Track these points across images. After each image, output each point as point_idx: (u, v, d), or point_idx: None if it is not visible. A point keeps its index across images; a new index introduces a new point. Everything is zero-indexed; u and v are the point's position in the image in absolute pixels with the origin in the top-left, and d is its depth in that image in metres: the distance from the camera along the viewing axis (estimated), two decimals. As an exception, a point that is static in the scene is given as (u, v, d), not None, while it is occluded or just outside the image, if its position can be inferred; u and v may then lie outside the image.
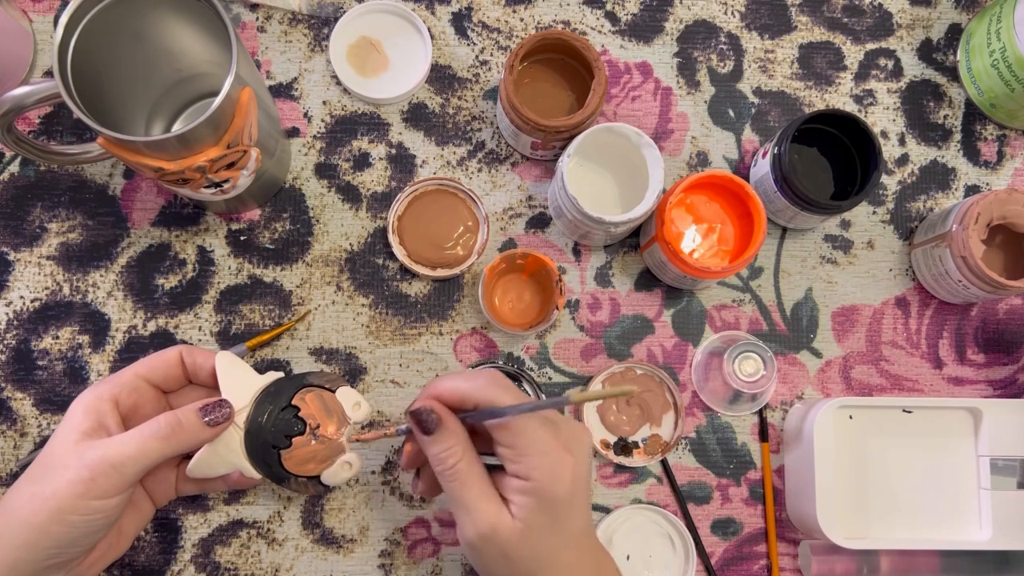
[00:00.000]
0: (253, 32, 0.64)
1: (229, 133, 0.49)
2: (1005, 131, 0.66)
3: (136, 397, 0.50)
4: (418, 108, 0.64)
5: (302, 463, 0.52)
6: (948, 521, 0.59)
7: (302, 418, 0.51)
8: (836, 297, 0.64)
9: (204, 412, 0.49)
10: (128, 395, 0.49)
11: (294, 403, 0.52)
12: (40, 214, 0.62)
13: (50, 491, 0.45)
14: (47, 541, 0.46)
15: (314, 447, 0.52)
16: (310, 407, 0.52)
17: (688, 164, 0.65)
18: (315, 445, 0.52)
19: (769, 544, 0.61)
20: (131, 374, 0.50)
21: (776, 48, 0.66)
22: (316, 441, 0.52)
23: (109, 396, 0.49)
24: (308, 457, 0.52)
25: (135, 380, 0.50)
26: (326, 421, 0.52)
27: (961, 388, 0.64)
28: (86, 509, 0.45)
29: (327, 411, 0.52)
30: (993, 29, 0.61)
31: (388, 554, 0.60)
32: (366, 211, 0.63)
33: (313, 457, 0.52)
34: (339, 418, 0.53)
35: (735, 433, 0.62)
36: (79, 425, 0.47)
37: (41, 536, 0.45)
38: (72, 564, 0.48)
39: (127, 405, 0.50)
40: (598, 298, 0.63)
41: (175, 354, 0.52)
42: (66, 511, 0.45)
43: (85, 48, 0.49)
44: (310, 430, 0.52)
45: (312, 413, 0.52)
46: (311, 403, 0.52)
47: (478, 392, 0.46)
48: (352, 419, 0.53)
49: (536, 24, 0.65)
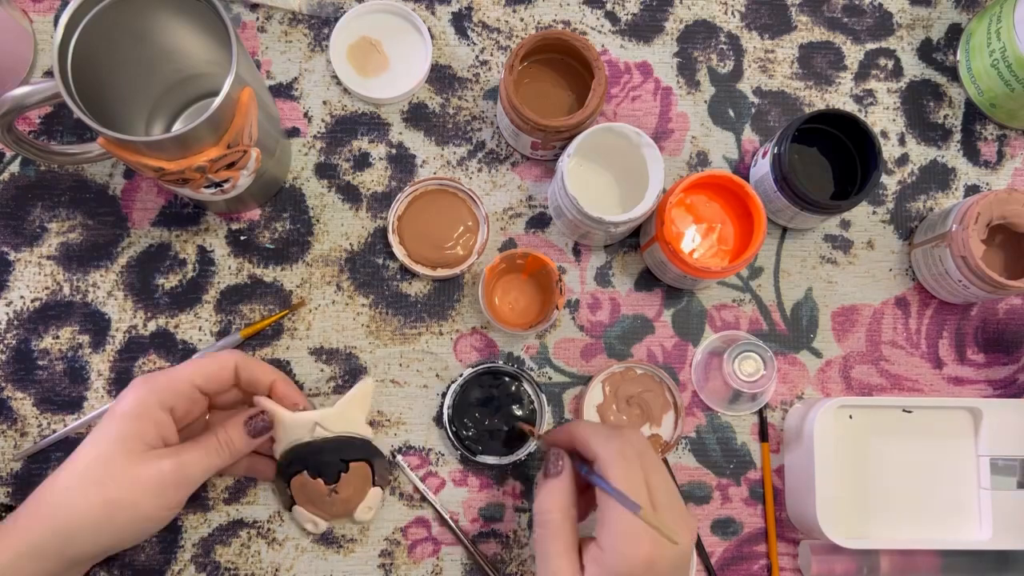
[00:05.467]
0: (253, 32, 0.64)
1: (229, 133, 0.49)
2: (1005, 131, 0.66)
3: (190, 405, 0.53)
4: (418, 108, 0.64)
5: (306, 499, 0.57)
6: (948, 521, 0.59)
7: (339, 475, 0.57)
8: (836, 297, 0.64)
9: (247, 425, 0.53)
10: (183, 404, 0.52)
11: (349, 464, 0.57)
12: (40, 214, 0.62)
13: (128, 501, 0.48)
14: (115, 544, 0.50)
15: (328, 499, 0.57)
16: (351, 478, 0.57)
17: (688, 164, 0.65)
18: (329, 499, 0.57)
19: (769, 544, 0.61)
20: (188, 384, 0.52)
21: (776, 48, 0.66)
22: (331, 497, 0.57)
23: (168, 406, 0.51)
24: (315, 499, 0.57)
25: (192, 390, 0.52)
26: (351, 494, 0.57)
27: (961, 388, 0.64)
28: (159, 517, 0.50)
29: (356, 488, 0.57)
30: (993, 29, 0.61)
31: (388, 554, 0.60)
32: (366, 211, 0.63)
33: (316, 502, 0.57)
34: (357, 497, 0.58)
35: (735, 433, 0.62)
36: (142, 434, 0.50)
37: (112, 540, 0.50)
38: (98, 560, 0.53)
39: (181, 413, 0.52)
40: (598, 298, 0.63)
41: (231, 366, 0.54)
42: (144, 519, 0.49)
43: (85, 48, 0.49)
44: (332, 490, 0.56)
45: (348, 482, 0.57)
46: (352, 476, 0.57)
47: (604, 455, 0.47)
48: (357, 517, 0.58)
49: (536, 24, 0.65)
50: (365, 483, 0.57)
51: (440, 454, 0.61)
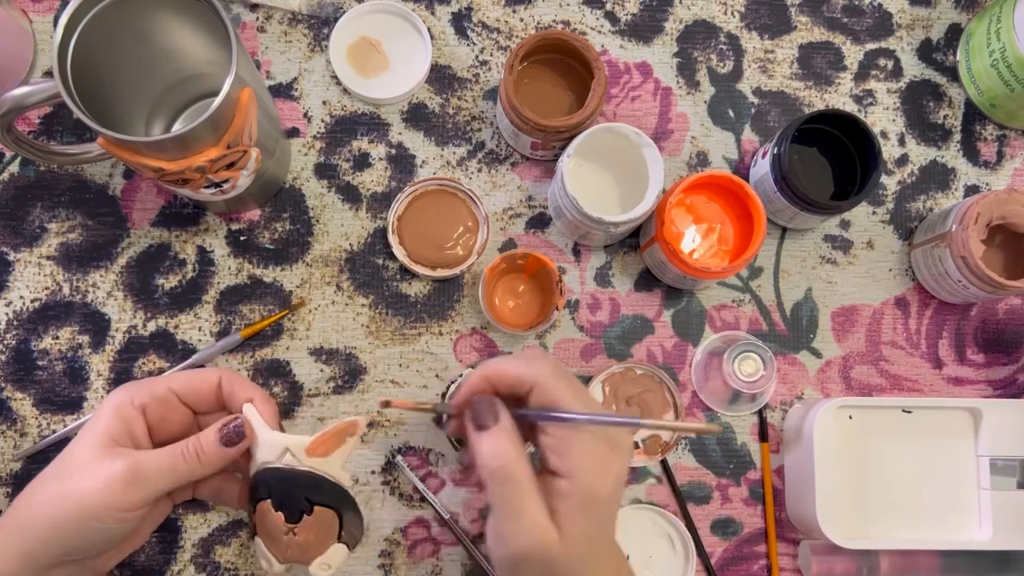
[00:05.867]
0: (253, 32, 0.64)
1: (229, 133, 0.49)
2: (1005, 131, 0.66)
3: (165, 411, 0.49)
4: (418, 108, 0.64)
5: (264, 532, 0.50)
6: (948, 521, 0.59)
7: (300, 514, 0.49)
8: (836, 297, 0.64)
9: (220, 433, 0.48)
10: (157, 406, 0.49)
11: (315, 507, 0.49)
12: (40, 214, 0.62)
13: (76, 494, 0.45)
14: (67, 541, 0.46)
15: (284, 538, 0.50)
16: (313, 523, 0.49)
17: (688, 164, 0.65)
18: (286, 538, 0.49)
19: (769, 544, 0.61)
20: (164, 387, 0.49)
21: (776, 48, 0.66)
22: (287, 537, 0.49)
23: (139, 404, 0.48)
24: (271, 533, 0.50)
25: (167, 393, 0.49)
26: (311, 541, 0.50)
27: (961, 388, 0.64)
28: (110, 518, 0.45)
29: (318, 536, 0.50)
30: (993, 29, 0.61)
31: (388, 554, 0.60)
32: (366, 211, 0.63)
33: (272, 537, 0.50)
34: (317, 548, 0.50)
35: (735, 433, 0.62)
36: (109, 428, 0.47)
37: (62, 536, 0.45)
38: (87, 560, 0.48)
39: (155, 416, 0.49)
40: (598, 298, 0.63)
41: (214, 379, 0.50)
42: (91, 517, 0.45)
43: (85, 48, 0.49)
44: (290, 530, 0.49)
45: (309, 526, 0.49)
46: (315, 520, 0.49)
47: (538, 382, 0.43)
48: (311, 571, 0.50)
49: (536, 24, 0.65)
50: (328, 535, 0.50)
51: (440, 454, 0.61)
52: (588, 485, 0.43)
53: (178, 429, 0.50)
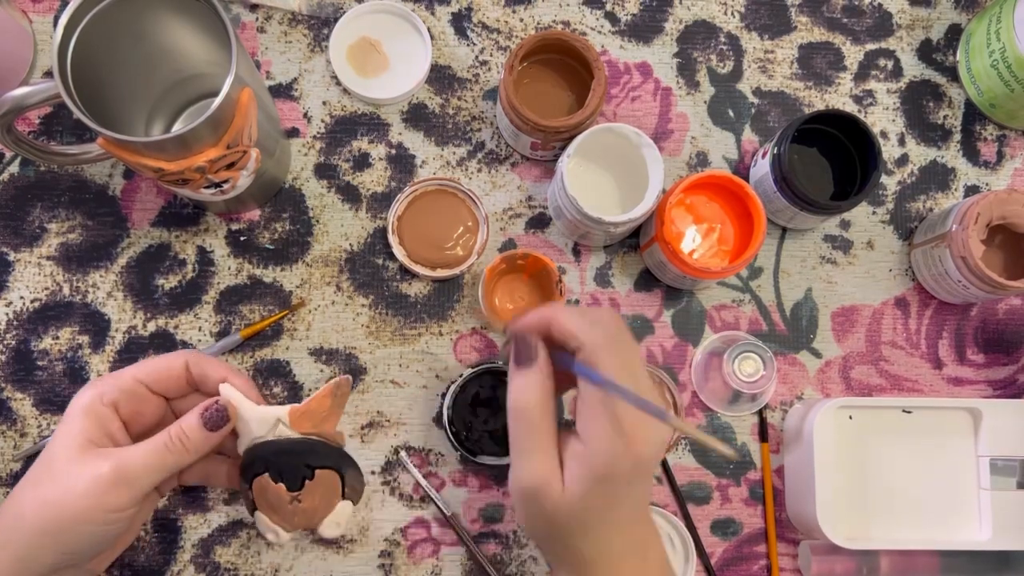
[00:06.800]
0: (253, 32, 0.64)
1: (229, 133, 0.49)
2: (1005, 131, 0.66)
3: (137, 403, 0.49)
4: (418, 108, 0.64)
5: (266, 505, 0.51)
6: (948, 521, 0.59)
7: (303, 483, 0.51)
8: (836, 297, 0.64)
9: (202, 417, 0.48)
10: (128, 401, 0.48)
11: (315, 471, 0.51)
12: (40, 214, 0.62)
13: (59, 500, 0.44)
14: (60, 547, 0.45)
15: (289, 507, 0.51)
16: (316, 487, 0.51)
17: (688, 164, 0.65)
18: (291, 507, 0.51)
19: (769, 544, 0.61)
20: (130, 378, 0.48)
21: (776, 48, 0.66)
22: (292, 506, 0.51)
23: (109, 401, 0.47)
24: (276, 506, 0.51)
25: (135, 385, 0.48)
26: (317, 504, 0.51)
27: (961, 388, 0.64)
28: (101, 520, 0.45)
29: (323, 498, 0.51)
30: (993, 29, 0.61)
31: (388, 554, 0.60)
32: (366, 211, 0.63)
33: (277, 509, 0.51)
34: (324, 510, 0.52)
35: (735, 433, 0.62)
36: (83, 430, 0.46)
37: (54, 542, 0.45)
38: (83, 563, 0.48)
39: (128, 411, 0.48)
40: (598, 298, 0.63)
41: (180, 363, 0.49)
42: (79, 521, 0.45)
43: (85, 48, 0.49)
44: (294, 498, 0.51)
45: (312, 491, 0.51)
46: (318, 484, 0.51)
47: (586, 347, 0.43)
48: (322, 532, 0.53)
49: (536, 24, 0.65)
50: (333, 495, 0.52)
51: (440, 454, 0.61)
52: (600, 456, 0.42)
53: (152, 419, 0.50)
